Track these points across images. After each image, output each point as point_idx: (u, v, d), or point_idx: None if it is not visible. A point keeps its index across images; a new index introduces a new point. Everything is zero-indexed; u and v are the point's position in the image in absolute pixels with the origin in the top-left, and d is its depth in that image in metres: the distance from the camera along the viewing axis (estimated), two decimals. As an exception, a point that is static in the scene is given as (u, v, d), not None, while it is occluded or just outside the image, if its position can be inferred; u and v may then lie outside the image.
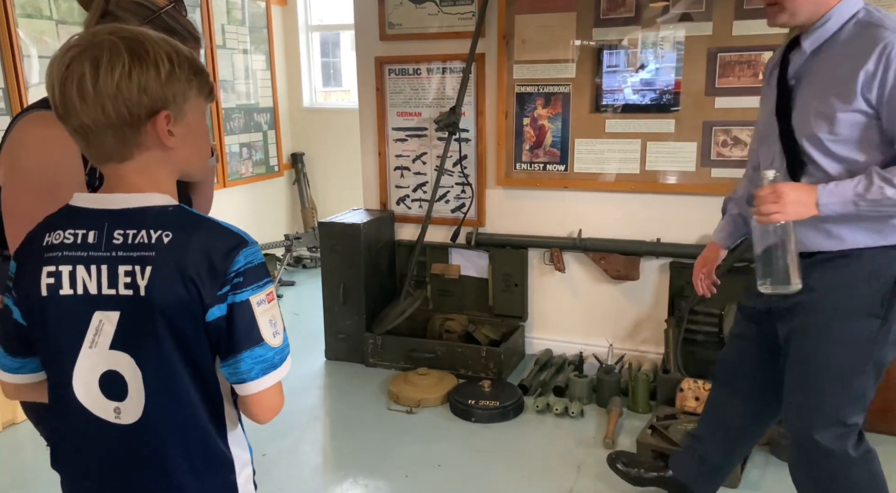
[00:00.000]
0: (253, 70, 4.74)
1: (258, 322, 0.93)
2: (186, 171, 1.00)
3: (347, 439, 2.75)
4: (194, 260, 0.89)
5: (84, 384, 0.94)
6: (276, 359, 0.95)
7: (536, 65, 3.16)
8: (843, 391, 1.63)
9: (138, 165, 0.93)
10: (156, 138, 0.92)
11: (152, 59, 0.89)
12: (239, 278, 0.91)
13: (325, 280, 3.43)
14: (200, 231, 0.91)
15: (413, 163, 3.52)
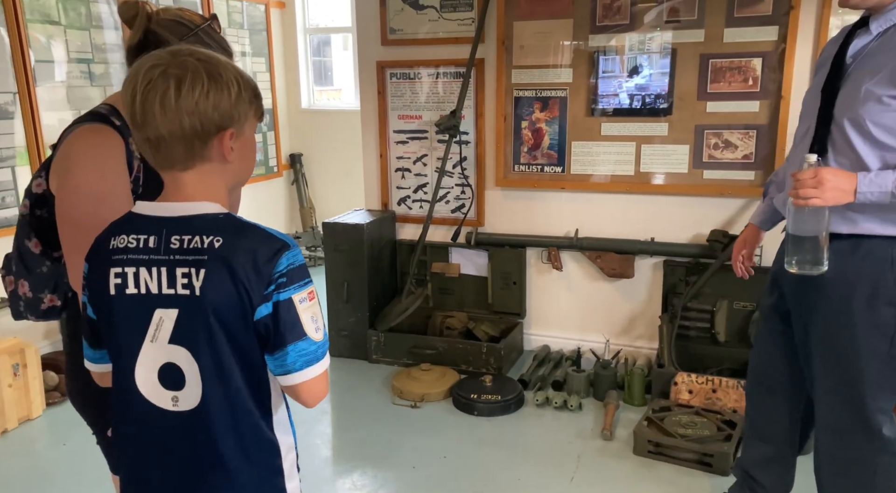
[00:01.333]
0: (253, 72, 4.81)
1: (301, 318, 1.01)
2: (238, 181, 1.11)
3: (355, 432, 2.84)
4: (242, 262, 0.98)
5: (145, 375, 1.03)
6: (319, 352, 1.05)
7: (534, 70, 3.26)
8: (875, 375, 1.65)
9: (198, 174, 1.03)
10: (219, 152, 1.03)
11: (225, 82, 1.00)
12: (283, 278, 1.00)
13: (329, 279, 3.52)
14: (247, 236, 1.01)
15: (414, 164, 3.61)
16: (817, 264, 1.57)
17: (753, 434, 2.07)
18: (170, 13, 1.37)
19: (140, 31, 1.32)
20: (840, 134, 1.58)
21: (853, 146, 1.56)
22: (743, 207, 3.06)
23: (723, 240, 3.02)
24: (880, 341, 1.63)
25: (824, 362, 1.73)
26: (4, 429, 2.80)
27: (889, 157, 1.53)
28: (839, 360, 1.70)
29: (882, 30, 1.55)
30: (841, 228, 1.61)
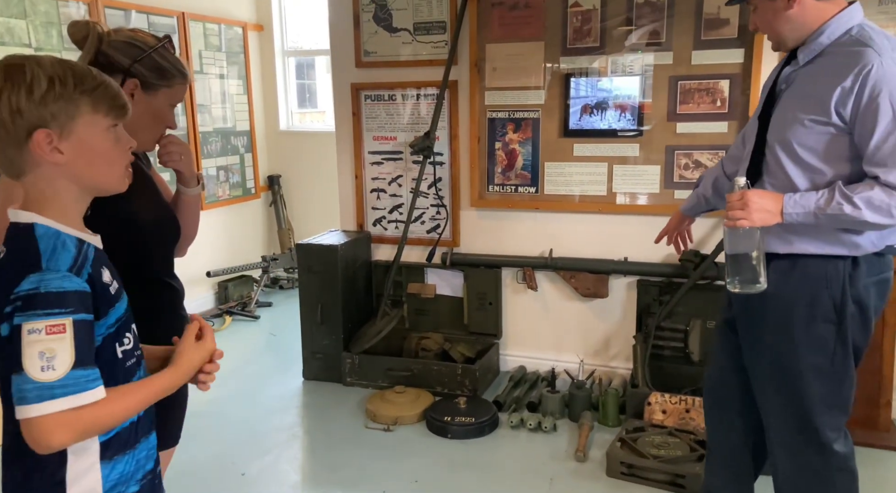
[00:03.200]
0: (230, 94, 4.81)
1: (23, 351, 0.90)
2: (94, 184, 1.03)
3: (326, 456, 2.79)
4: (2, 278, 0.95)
5: None
6: (31, 395, 0.90)
7: (507, 91, 3.29)
8: (820, 391, 1.68)
9: (34, 181, 1.00)
10: (41, 155, 0.97)
11: (28, 82, 0.93)
12: (18, 301, 0.91)
13: (303, 301, 3.49)
14: (10, 251, 0.98)
15: (389, 185, 3.61)
16: (754, 282, 1.60)
17: (711, 454, 2.07)
18: (122, 34, 1.36)
19: (91, 52, 1.31)
20: (772, 157, 1.65)
21: (784, 168, 1.63)
22: (714, 226, 3.08)
23: (694, 259, 3.03)
24: (821, 359, 1.67)
25: (771, 381, 1.75)
26: None
27: (817, 178, 1.59)
28: (784, 378, 1.72)
29: (808, 59, 1.62)
30: (778, 249, 1.66)
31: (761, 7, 1.64)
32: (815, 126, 1.56)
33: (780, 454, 1.80)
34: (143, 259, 1.38)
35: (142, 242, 1.39)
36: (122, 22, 3.86)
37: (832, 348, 1.65)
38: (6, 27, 3.29)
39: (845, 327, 1.64)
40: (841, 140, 1.56)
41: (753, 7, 1.67)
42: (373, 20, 3.43)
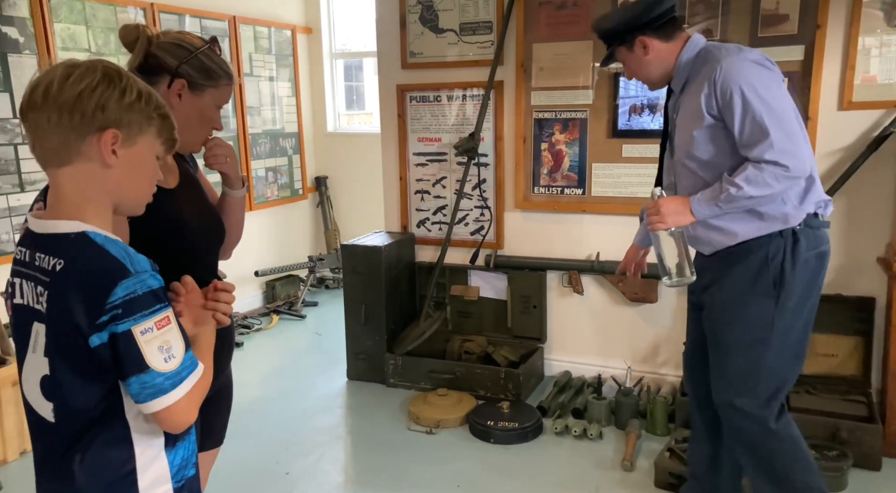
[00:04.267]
0: (279, 96, 4.89)
1: (143, 350, 0.96)
2: (121, 197, 1.05)
3: (369, 458, 2.80)
4: (74, 290, 0.95)
5: (29, 384, 1.05)
6: (166, 384, 0.98)
7: (554, 91, 3.24)
8: (752, 366, 1.87)
9: (74, 175, 1.00)
10: (98, 151, 0.99)
11: (122, 86, 1.00)
12: (118, 309, 0.94)
13: (347, 301, 3.51)
14: (85, 261, 0.97)
15: (433, 187, 3.60)
16: (682, 275, 1.82)
17: (692, 428, 2.25)
18: (170, 36, 1.38)
19: (140, 54, 1.33)
20: (683, 169, 1.93)
21: (694, 174, 1.89)
22: (770, 230, 2.95)
23: (749, 264, 2.92)
24: (758, 331, 1.86)
25: (712, 356, 1.99)
26: (24, 450, 2.83)
27: (720, 171, 1.81)
28: (726, 349, 1.93)
29: (680, 87, 1.91)
30: (728, 243, 1.87)
31: (627, 60, 1.95)
32: (702, 133, 1.82)
33: (725, 421, 1.99)
34: (187, 260, 1.39)
35: (187, 244, 1.40)
36: (176, 26, 3.96)
37: (771, 322, 1.82)
38: (69, 33, 3.42)
39: (783, 301, 1.81)
40: (720, 136, 1.81)
41: (622, 61, 1.97)
42: (419, 21, 3.43)
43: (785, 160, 1.68)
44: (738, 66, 1.74)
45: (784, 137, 1.68)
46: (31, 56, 3.25)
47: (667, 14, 1.86)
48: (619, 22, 1.90)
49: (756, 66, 1.76)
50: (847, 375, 2.84)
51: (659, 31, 1.87)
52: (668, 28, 1.88)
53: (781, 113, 1.71)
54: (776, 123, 1.69)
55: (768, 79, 1.75)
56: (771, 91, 1.73)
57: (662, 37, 1.87)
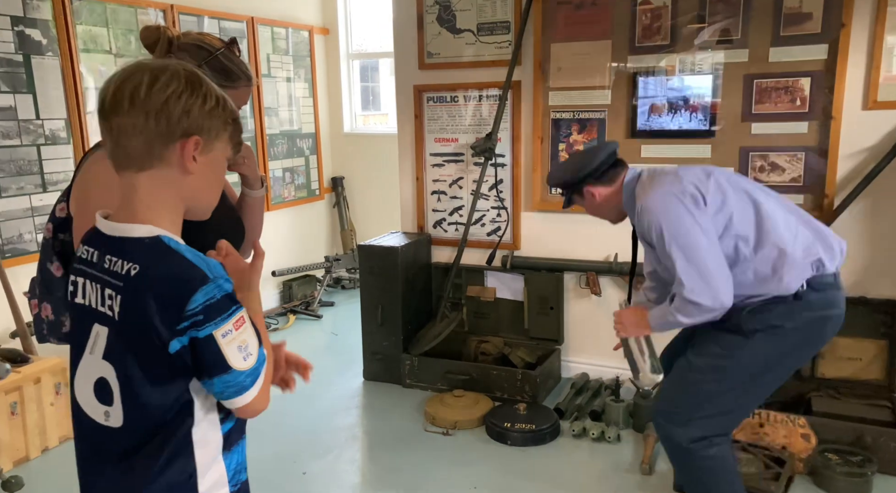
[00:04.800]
0: (296, 97, 4.91)
1: (224, 352, 0.97)
2: (195, 203, 1.06)
3: (385, 458, 2.80)
4: (152, 296, 0.94)
5: (82, 386, 1.05)
6: (247, 381, 1.01)
7: (572, 91, 3.22)
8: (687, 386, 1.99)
9: (153, 180, 1.00)
10: (180, 158, 1.00)
11: (203, 92, 1.00)
12: (199, 315, 0.94)
13: (364, 302, 3.51)
14: (163, 268, 0.96)
15: (450, 187, 3.59)
16: (654, 373, 2.08)
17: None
18: (190, 37, 1.39)
19: (161, 55, 1.34)
20: (655, 278, 2.18)
21: (657, 280, 2.15)
22: (792, 231, 2.91)
23: (770, 266, 2.88)
24: (695, 357, 1.98)
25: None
26: (46, 447, 2.86)
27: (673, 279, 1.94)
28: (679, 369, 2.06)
29: (635, 216, 2.01)
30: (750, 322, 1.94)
31: (582, 204, 2.17)
32: (650, 254, 2.05)
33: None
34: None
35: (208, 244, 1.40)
36: (195, 27, 3.99)
37: (733, 355, 1.90)
38: (90, 35, 3.45)
39: (752, 345, 1.88)
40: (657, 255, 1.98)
41: (580, 205, 2.17)
42: (436, 21, 3.43)
43: (697, 298, 1.82)
44: (651, 206, 1.89)
45: (694, 276, 1.82)
46: (53, 58, 3.29)
47: (605, 164, 2.05)
48: (565, 177, 2.11)
49: (671, 200, 1.86)
50: (871, 379, 2.79)
51: (601, 179, 2.06)
52: (609, 174, 2.06)
53: (692, 250, 1.82)
54: (685, 262, 1.83)
55: (681, 213, 1.85)
56: (682, 227, 1.84)
57: (606, 183, 2.06)
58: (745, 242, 1.88)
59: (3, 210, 3.15)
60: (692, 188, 1.87)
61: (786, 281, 1.85)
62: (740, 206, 1.89)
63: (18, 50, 3.14)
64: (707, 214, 1.85)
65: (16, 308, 2.92)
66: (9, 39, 3.10)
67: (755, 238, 1.88)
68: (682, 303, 1.85)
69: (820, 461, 2.42)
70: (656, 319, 1.98)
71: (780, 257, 1.85)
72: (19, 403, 2.74)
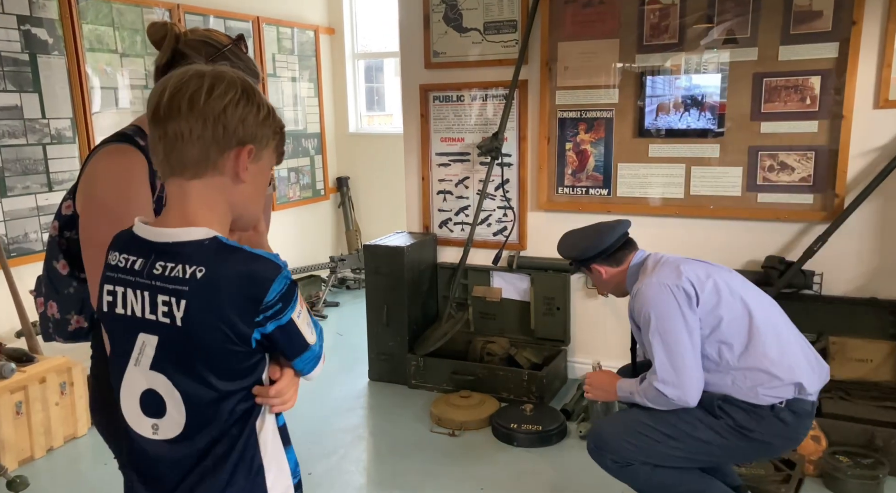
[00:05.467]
0: (301, 97, 4.90)
1: (302, 332, 1.02)
2: (243, 212, 1.05)
3: (390, 460, 2.78)
4: (226, 294, 0.94)
5: (128, 399, 1.02)
6: (320, 351, 1.08)
7: (579, 90, 3.20)
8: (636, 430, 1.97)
9: (206, 187, 0.99)
10: (234, 167, 0.99)
11: (257, 101, 1.00)
12: (277, 305, 0.97)
13: (369, 302, 3.50)
14: (232, 266, 0.95)
15: (456, 187, 3.57)
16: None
17: None
18: (197, 34, 1.37)
19: (168, 51, 1.33)
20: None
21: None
22: (801, 231, 2.89)
23: (779, 267, 2.86)
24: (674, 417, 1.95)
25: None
26: (51, 447, 2.85)
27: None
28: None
29: (630, 297, 2.04)
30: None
31: (590, 278, 2.25)
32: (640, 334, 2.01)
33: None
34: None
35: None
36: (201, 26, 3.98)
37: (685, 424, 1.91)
38: (96, 34, 3.45)
39: (716, 427, 1.89)
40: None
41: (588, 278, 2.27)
42: (443, 20, 3.41)
43: (665, 390, 1.87)
44: (645, 292, 1.94)
45: (668, 370, 1.87)
46: (59, 57, 3.28)
47: (615, 245, 2.10)
48: (574, 253, 2.16)
49: (664, 292, 1.90)
50: (882, 380, 2.76)
51: (609, 259, 2.11)
52: (618, 255, 2.11)
53: (672, 345, 1.87)
54: (663, 354, 1.87)
55: (671, 307, 1.88)
56: (669, 322, 1.88)
57: (613, 263, 2.12)
58: (730, 349, 1.90)
59: (9, 209, 3.14)
60: (688, 285, 1.90)
61: (762, 396, 1.88)
62: (734, 313, 1.91)
63: (25, 49, 3.14)
64: (696, 314, 1.89)
65: (21, 308, 2.91)
66: (15, 38, 3.10)
67: (741, 349, 1.90)
68: (650, 389, 1.91)
69: (830, 463, 2.39)
70: (623, 392, 2.03)
71: (763, 376, 1.87)
72: (24, 402, 2.73)
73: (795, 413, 1.88)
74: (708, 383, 1.91)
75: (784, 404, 1.88)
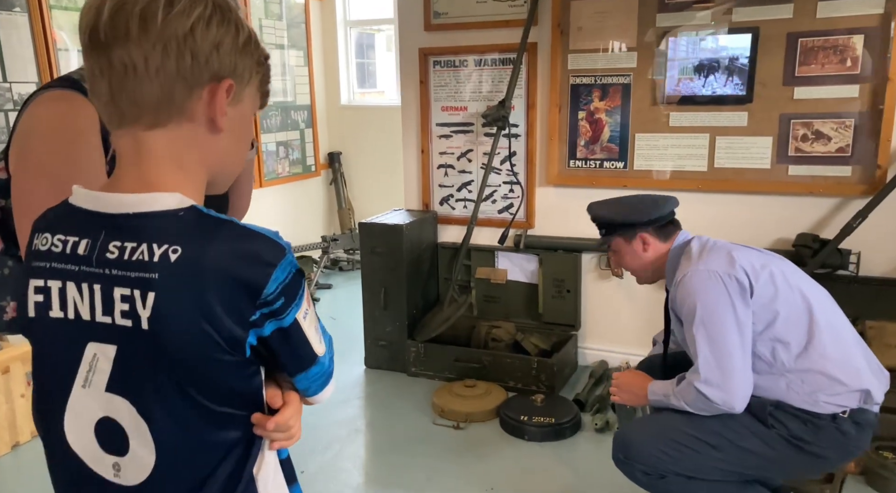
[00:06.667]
0: (290, 66, 4.60)
1: (308, 339, 0.77)
2: (221, 170, 0.80)
3: (391, 455, 2.56)
4: (212, 283, 0.68)
5: (78, 431, 0.75)
6: (330, 367, 0.84)
7: (594, 54, 2.93)
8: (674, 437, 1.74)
9: (170, 140, 0.73)
10: (207, 110, 0.73)
11: (234, 20, 0.73)
12: (279, 300, 0.71)
13: (366, 284, 3.25)
14: (221, 244, 0.69)
15: (458, 160, 3.32)
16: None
17: None
18: None
19: None
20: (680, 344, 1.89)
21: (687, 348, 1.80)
22: (836, 207, 2.67)
23: (812, 245, 2.63)
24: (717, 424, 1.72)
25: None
26: (17, 442, 2.61)
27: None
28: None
29: (671, 286, 1.83)
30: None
31: (622, 251, 1.92)
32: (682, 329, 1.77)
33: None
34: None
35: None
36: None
37: (731, 432, 1.68)
38: (62, -8, 3.14)
39: (767, 438, 1.66)
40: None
41: (616, 251, 1.93)
42: (444, -23, 3.13)
43: (708, 393, 1.65)
44: (692, 281, 1.70)
45: (713, 370, 1.64)
46: (22, 14, 2.98)
47: (667, 217, 1.89)
48: (623, 215, 1.89)
49: (715, 281, 1.67)
50: (922, 368, 2.55)
51: (660, 231, 1.88)
52: (668, 229, 1.89)
53: (720, 343, 1.65)
54: (708, 352, 1.65)
55: (721, 299, 1.66)
56: (717, 315, 1.66)
57: (662, 237, 1.89)
58: (787, 349, 1.68)
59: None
60: (742, 274, 1.67)
61: (822, 403, 1.65)
62: (792, 308, 1.69)
63: (-18, 5, 2.84)
64: (749, 307, 1.66)
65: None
66: (-30, -7, 2.80)
67: (799, 349, 1.67)
68: (690, 390, 1.68)
69: (875, 460, 2.19)
70: (656, 395, 1.80)
71: (823, 380, 1.65)
72: (-14, 395, 2.48)
73: (859, 425, 1.66)
74: (758, 387, 1.69)
75: (847, 413, 1.65)
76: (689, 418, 1.72)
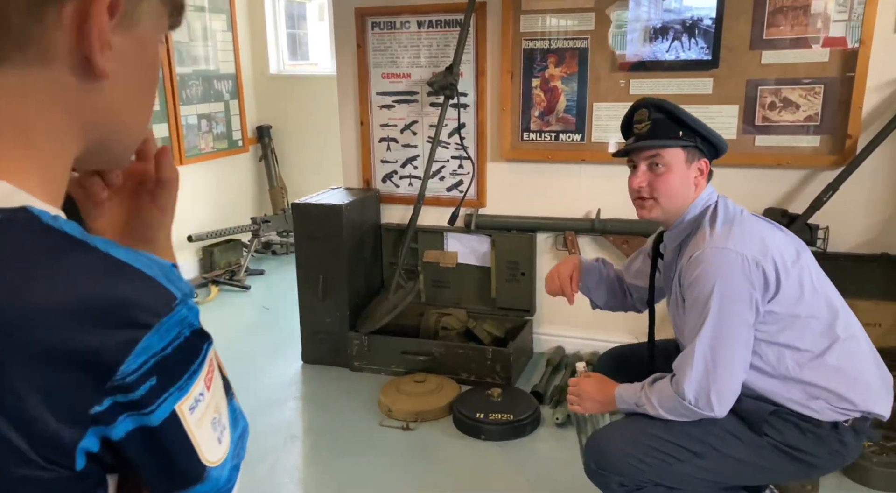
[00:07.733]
0: (212, 30, 4.17)
1: (194, 443, 0.49)
2: (106, 135, 0.51)
3: (333, 464, 2.29)
4: (26, 351, 0.41)
5: None
6: (234, 479, 0.57)
7: (548, 15, 2.69)
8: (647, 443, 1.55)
9: (7, 89, 0.44)
10: (74, 39, 0.45)
11: None
12: (145, 382, 0.44)
13: (301, 272, 2.94)
14: (58, 280, 0.42)
15: (401, 133, 3.03)
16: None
17: None
18: None
19: None
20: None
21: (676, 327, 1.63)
22: (804, 179, 2.53)
23: (781, 220, 2.48)
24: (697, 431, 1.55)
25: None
26: None
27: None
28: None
29: (674, 245, 1.61)
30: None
31: (672, 165, 1.54)
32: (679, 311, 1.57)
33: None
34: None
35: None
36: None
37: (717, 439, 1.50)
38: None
39: (757, 447, 1.49)
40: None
41: (663, 163, 1.54)
42: (381, -73, 2.80)
43: (688, 393, 1.45)
44: (716, 262, 1.45)
45: (707, 365, 1.44)
46: None
47: (719, 156, 1.61)
48: (701, 126, 1.54)
49: (740, 265, 1.44)
50: (891, 347, 2.46)
51: (709, 165, 1.60)
52: (711, 174, 1.62)
53: (724, 339, 1.44)
54: (707, 347, 1.44)
55: (741, 292, 1.44)
56: (734, 306, 1.44)
57: (708, 175, 1.60)
58: (795, 356, 1.48)
59: None
60: (772, 268, 1.44)
61: (827, 411, 1.49)
62: (812, 313, 1.49)
63: None
64: (763, 308, 1.46)
65: None
66: None
67: (809, 358, 1.48)
68: (666, 391, 1.48)
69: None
70: (626, 403, 1.58)
71: (830, 396, 1.48)
72: None
73: (857, 433, 1.51)
74: (754, 387, 1.50)
75: (850, 422, 1.49)
76: (669, 422, 1.52)
